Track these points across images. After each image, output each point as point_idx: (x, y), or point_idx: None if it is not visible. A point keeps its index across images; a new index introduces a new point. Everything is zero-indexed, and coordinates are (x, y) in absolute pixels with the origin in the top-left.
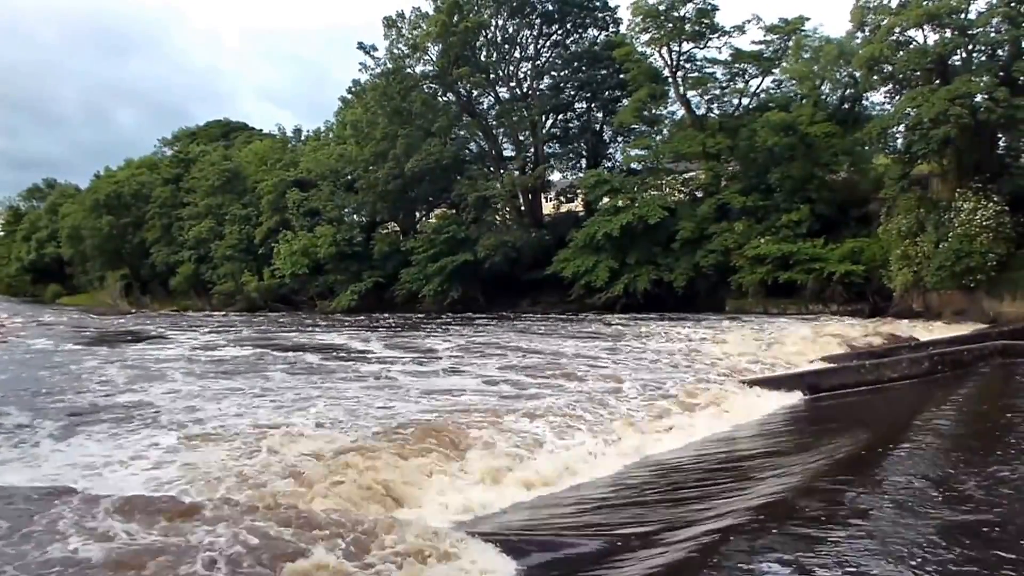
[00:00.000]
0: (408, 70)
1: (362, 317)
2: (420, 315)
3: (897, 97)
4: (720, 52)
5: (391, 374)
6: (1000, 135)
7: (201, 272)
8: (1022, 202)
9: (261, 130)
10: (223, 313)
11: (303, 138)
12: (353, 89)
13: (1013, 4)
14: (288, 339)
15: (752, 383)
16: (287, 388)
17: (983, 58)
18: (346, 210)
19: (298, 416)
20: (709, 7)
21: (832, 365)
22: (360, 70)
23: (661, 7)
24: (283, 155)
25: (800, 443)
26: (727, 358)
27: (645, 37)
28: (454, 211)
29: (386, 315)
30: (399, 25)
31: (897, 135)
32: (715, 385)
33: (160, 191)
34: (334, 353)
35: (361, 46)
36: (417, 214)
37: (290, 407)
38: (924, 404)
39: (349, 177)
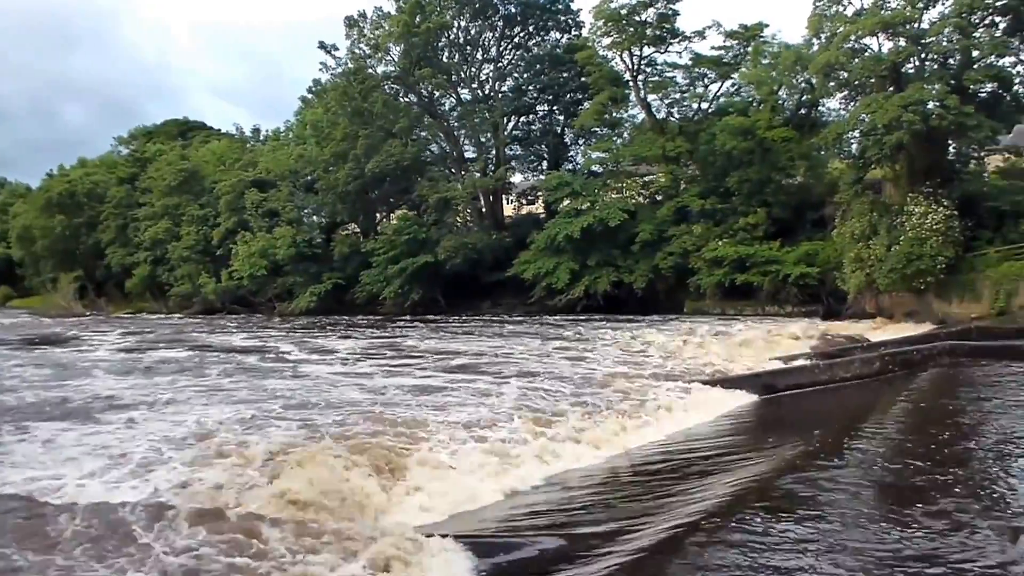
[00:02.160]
0: (370, 70)
1: (321, 319)
2: (380, 317)
3: (852, 103)
4: (680, 57)
5: (327, 375)
6: (950, 141)
7: (157, 274)
8: (971, 207)
9: (219, 129)
10: (180, 315)
11: (262, 138)
12: (313, 89)
13: (964, 15)
14: (228, 342)
15: (708, 383)
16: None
17: (935, 66)
18: (305, 211)
19: (230, 421)
20: (670, 12)
21: (787, 365)
22: (321, 69)
23: (623, 11)
24: (241, 155)
25: (755, 442)
26: (685, 359)
27: (607, 41)
28: (415, 212)
29: (345, 317)
30: (361, 25)
31: (852, 140)
32: (672, 385)
33: (115, 191)
34: (270, 355)
35: (322, 45)
36: (378, 215)
37: (224, 412)
38: (876, 403)
39: (309, 178)
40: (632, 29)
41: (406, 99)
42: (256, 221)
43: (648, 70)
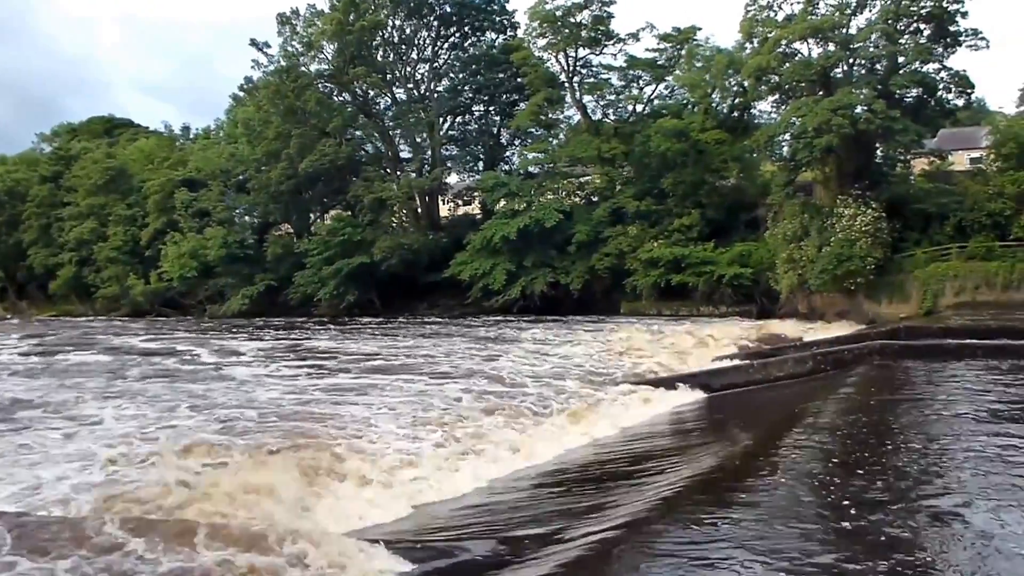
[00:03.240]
0: (303, 68)
1: (257, 321)
2: (314, 319)
3: (783, 107)
4: (615, 59)
5: (245, 378)
6: (878, 145)
7: (83, 275)
8: (898, 209)
9: (147, 127)
10: (106, 317)
11: (192, 136)
12: (245, 87)
13: (890, 21)
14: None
15: (644, 384)
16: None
17: (863, 71)
18: (237, 211)
19: (155, 424)
20: (605, 14)
21: (722, 365)
22: (252, 67)
23: (558, 13)
24: (171, 153)
25: (692, 442)
26: (620, 359)
27: (542, 42)
28: (350, 213)
29: (277, 319)
30: (293, 22)
31: (783, 143)
32: (607, 386)
33: (38, 189)
34: (187, 358)
35: (254, 43)
36: (311, 215)
37: (148, 415)
38: (808, 401)
39: (240, 177)
40: (567, 30)
41: (340, 98)
42: (186, 221)
43: (583, 71)
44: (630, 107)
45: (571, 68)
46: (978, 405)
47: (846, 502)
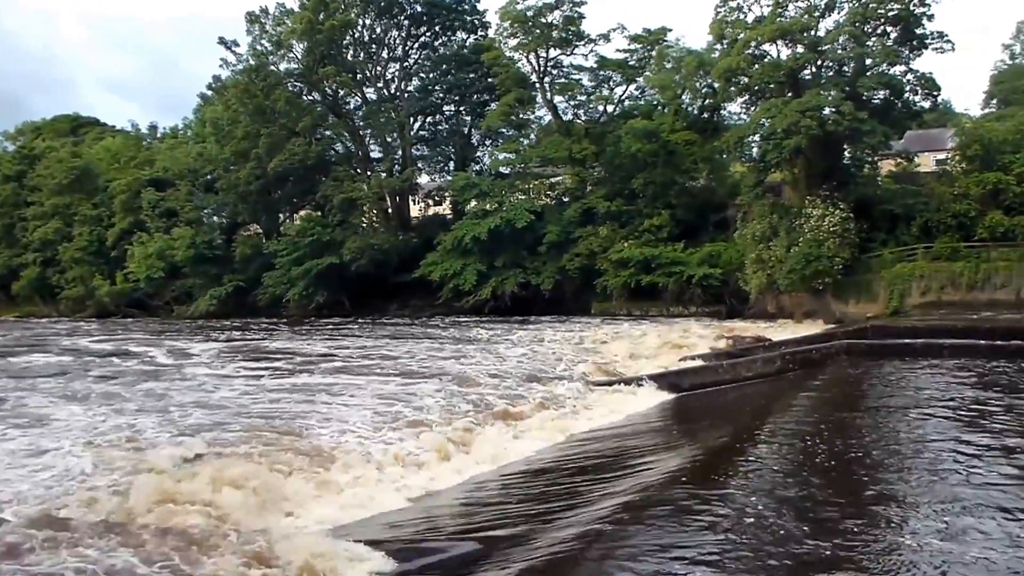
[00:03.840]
0: (272, 67)
1: (225, 322)
2: (283, 319)
3: (753, 108)
4: (586, 59)
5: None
6: (846, 146)
7: (47, 276)
8: (865, 209)
9: (114, 126)
10: (71, 319)
11: (159, 135)
12: (214, 85)
13: (858, 24)
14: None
15: (614, 384)
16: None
17: (831, 73)
18: (205, 211)
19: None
20: (576, 15)
21: (692, 365)
22: (221, 66)
23: (529, 13)
24: (137, 153)
25: (663, 441)
26: (592, 359)
27: (513, 42)
28: (319, 213)
29: (246, 320)
30: (263, 21)
31: (752, 144)
32: (579, 386)
33: (0, 189)
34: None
35: (222, 41)
36: (281, 216)
37: (106, 416)
38: (776, 400)
39: (209, 177)
40: (538, 31)
41: (310, 97)
42: (153, 221)
43: (554, 72)
44: (601, 108)
45: (542, 68)
46: (940, 406)
47: (815, 503)
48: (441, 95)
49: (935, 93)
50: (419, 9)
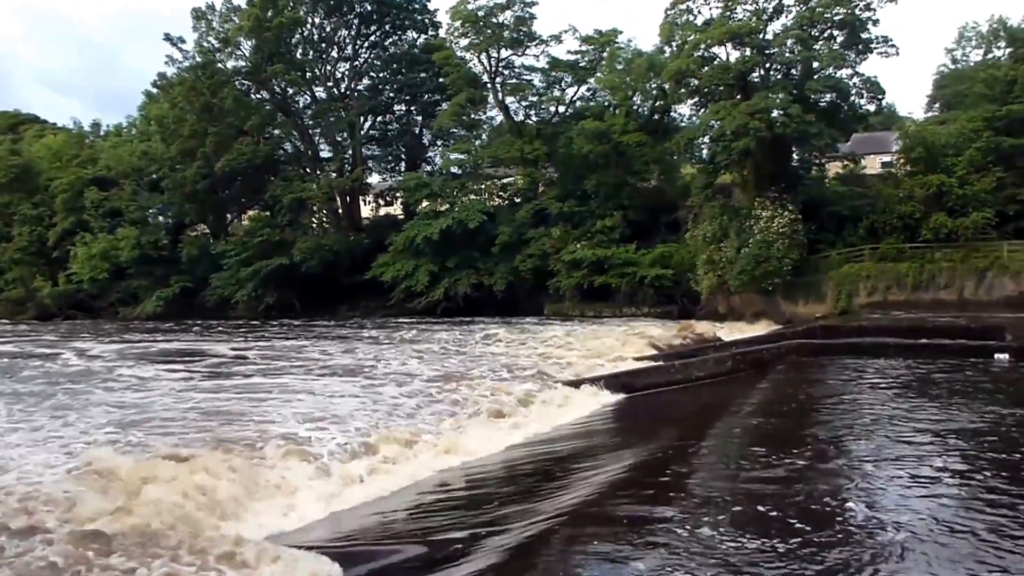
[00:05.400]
0: (219, 65)
1: (172, 324)
2: (232, 321)
3: (703, 110)
4: (538, 60)
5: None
6: (794, 148)
7: None
8: (813, 211)
9: (55, 123)
10: (11, 321)
11: (103, 133)
12: (159, 83)
13: (805, 27)
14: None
15: (567, 384)
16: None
17: (779, 76)
18: (151, 211)
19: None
20: (527, 15)
21: (643, 366)
22: (167, 63)
23: (480, 13)
24: (80, 151)
25: (615, 442)
26: (542, 361)
27: (464, 42)
28: (268, 213)
29: (191, 322)
30: (209, 17)
31: (702, 146)
32: (531, 387)
33: None
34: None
35: (168, 38)
36: (229, 216)
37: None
38: (728, 401)
39: (154, 176)
40: (489, 31)
41: (258, 96)
42: (97, 221)
43: (506, 72)
44: (552, 108)
45: (493, 69)
46: (886, 402)
47: (765, 502)
48: (392, 94)
49: (880, 96)
50: (369, 8)
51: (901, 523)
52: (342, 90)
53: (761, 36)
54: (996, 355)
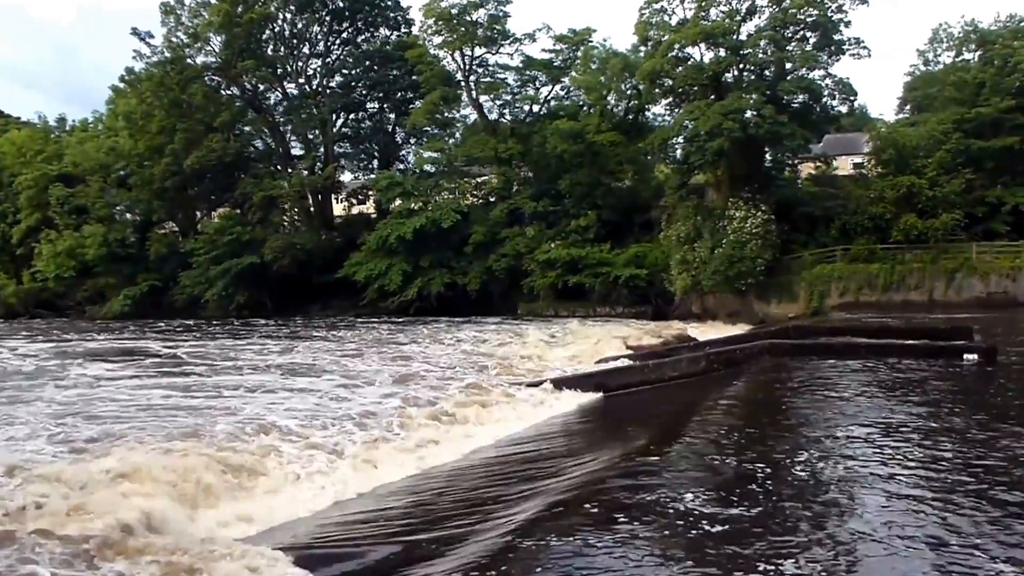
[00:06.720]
0: (188, 60)
1: (139, 322)
2: (201, 320)
3: (677, 110)
4: (512, 59)
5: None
6: (767, 149)
7: None
8: (786, 212)
9: (19, 117)
10: None
11: (68, 128)
12: (127, 77)
13: (778, 28)
14: None
15: (540, 384)
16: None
17: (752, 77)
18: (118, 208)
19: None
20: (501, 14)
21: (618, 365)
22: (135, 58)
23: (453, 11)
24: (45, 146)
25: (589, 442)
26: (514, 360)
27: (438, 40)
28: (238, 211)
29: (158, 322)
30: (178, 12)
31: (676, 146)
32: (504, 387)
33: None
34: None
35: (136, 32)
36: (198, 213)
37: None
38: (701, 401)
39: (121, 172)
40: (463, 29)
41: (228, 92)
42: (62, 218)
43: (480, 71)
44: (527, 107)
45: (467, 67)
46: (856, 399)
47: (739, 502)
48: (364, 92)
49: (852, 98)
50: (341, 4)
51: (868, 519)
52: (314, 87)
53: (735, 37)
54: (965, 355)
